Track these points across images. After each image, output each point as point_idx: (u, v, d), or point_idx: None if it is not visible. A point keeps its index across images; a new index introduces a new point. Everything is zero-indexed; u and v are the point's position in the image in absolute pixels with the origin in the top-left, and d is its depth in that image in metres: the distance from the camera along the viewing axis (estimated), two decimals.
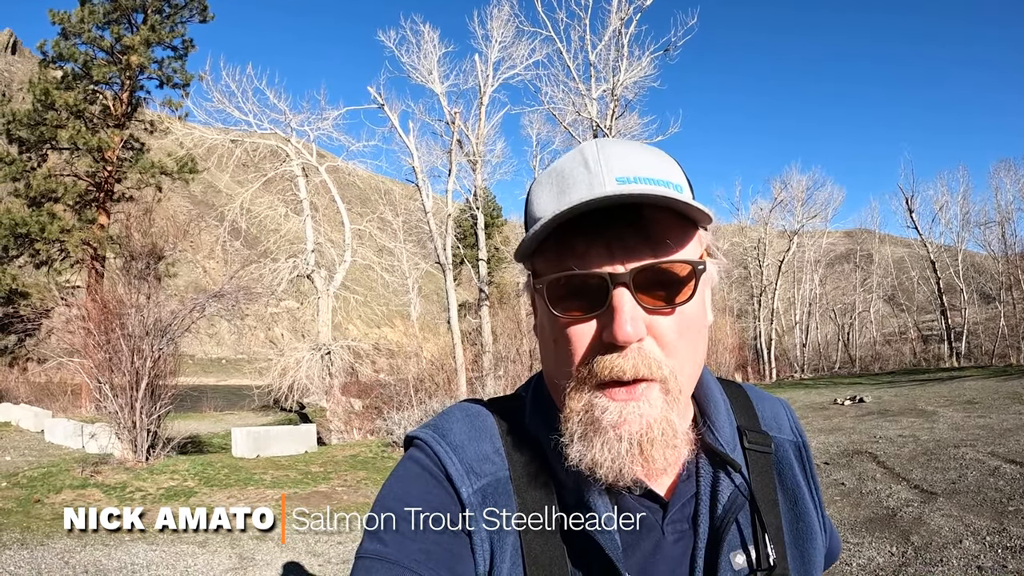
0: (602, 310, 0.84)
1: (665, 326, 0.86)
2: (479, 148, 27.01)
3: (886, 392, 19.28)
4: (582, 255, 0.85)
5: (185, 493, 11.23)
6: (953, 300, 43.56)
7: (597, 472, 0.85)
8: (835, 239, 53.46)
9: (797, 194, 44.51)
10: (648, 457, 0.84)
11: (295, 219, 27.85)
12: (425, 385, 19.50)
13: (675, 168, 0.93)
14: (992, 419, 12.23)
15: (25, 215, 28.86)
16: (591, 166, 0.87)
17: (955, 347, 38.26)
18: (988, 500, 7.39)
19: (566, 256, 0.87)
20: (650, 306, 0.85)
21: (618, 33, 26.00)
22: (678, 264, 0.86)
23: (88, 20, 30.62)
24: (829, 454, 10.59)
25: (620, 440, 0.83)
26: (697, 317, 0.89)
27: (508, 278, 47.61)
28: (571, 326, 0.87)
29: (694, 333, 0.89)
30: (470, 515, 0.90)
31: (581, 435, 0.86)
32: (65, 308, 16.80)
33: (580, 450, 0.85)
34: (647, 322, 0.85)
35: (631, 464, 0.84)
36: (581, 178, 0.87)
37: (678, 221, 0.87)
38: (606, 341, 0.84)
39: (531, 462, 0.94)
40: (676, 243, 0.86)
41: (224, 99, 26.36)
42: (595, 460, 0.84)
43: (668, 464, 0.87)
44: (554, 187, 0.90)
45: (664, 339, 0.86)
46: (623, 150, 0.90)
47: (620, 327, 0.82)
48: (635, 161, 0.88)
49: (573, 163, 0.90)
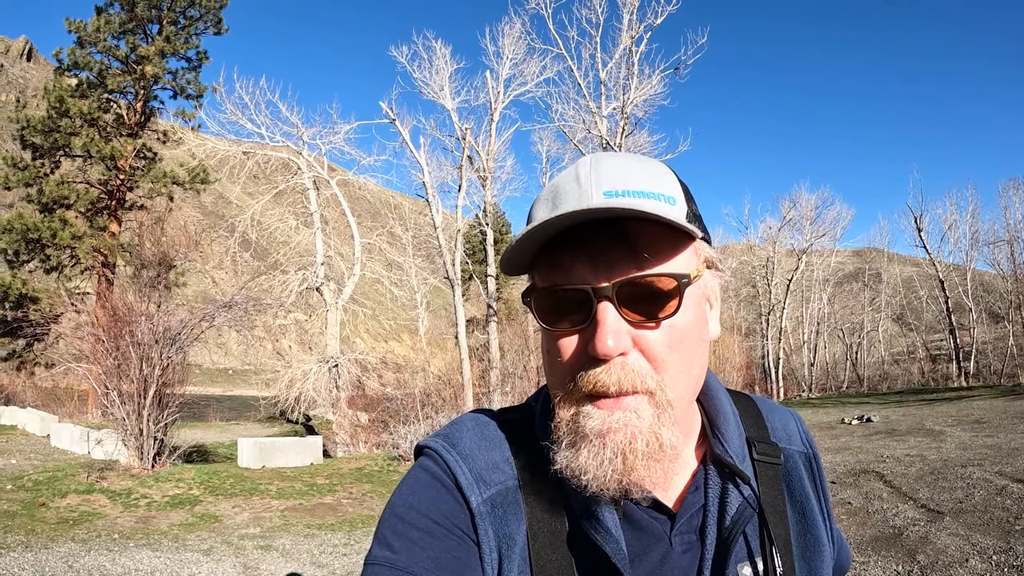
0: (586, 324, 0.85)
1: (652, 340, 0.85)
2: (489, 164, 27.07)
3: (894, 411, 19.19)
4: (568, 269, 0.86)
5: (190, 501, 11.23)
6: (962, 319, 43.34)
7: (581, 479, 0.84)
8: (844, 258, 53.30)
9: (806, 213, 44.36)
10: (631, 468, 0.84)
11: (305, 232, 27.91)
12: (432, 400, 19.46)
13: (670, 179, 0.92)
14: (1000, 439, 12.16)
15: (37, 220, 28.96)
16: (581, 181, 0.88)
17: (963, 367, 37.98)
18: (995, 519, 7.34)
19: (554, 270, 0.88)
20: (634, 320, 0.85)
21: (628, 51, 26.08)
22: (662, 278, 0.85)
23: (104, 30, 30.86)
24: (836, 473, 10.54)
25: (604, 447, 0.83)
26: (691, 331, 0.89)
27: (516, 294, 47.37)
28: (560, 339, 0.88)
29: (688, 346, 0.88)
30: (479, 524, 0.90)
31: (569, 443, 0.86)
32: (75, 314, 16.93)
33: (566, 456, 0.86)
34: (633, 336, 0.85)
35: (613, 473, 0.83)
36: (572, 192, 0.87)
37: (667, 234, 0.86)
38: (590, 355, 0.84)
39: (540, 472, 0.93)
40: (662, 256, 0.86)
41: (237, 111, 26.53)
42: (580, 467, 0.84)
43: (654, 479, 0.86)
44: (549, 202, 0.90)
45: (651, 353, 0.85)
46: (615, 163, 0.90)
47: (602, 341, 0.82)
48: (626, 174, 0.88)
49: (567, 178, 0.90)
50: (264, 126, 26.55)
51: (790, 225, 45.09)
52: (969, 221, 43.38)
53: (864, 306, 52.80)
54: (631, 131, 26.88)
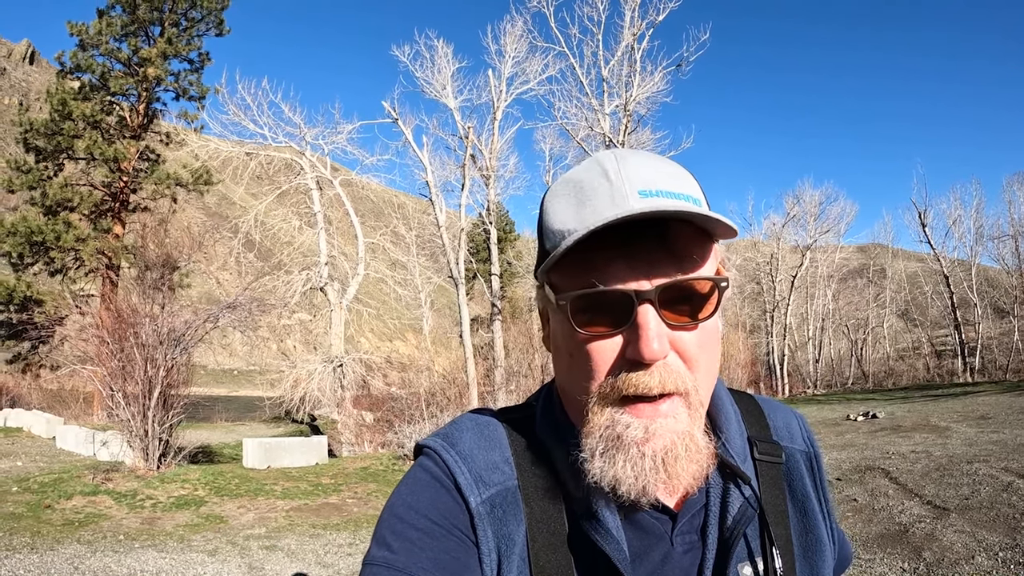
0: (627, 327, 0.84)
1: (688, 341, 0.85)
2: (492, 163, 27.07)
3: (899, 408, 19.16)
4: (603, 270, 0.84)
5: (195, 502, 11.25)
6: (967, 315, 43.23)
7: (619, 489, 0.84)
8: (848, 254, 53.14)
9: (810, 209, 44.35)
10: (672, 473, 0.84)
11: (309, 232, 27.91)
12: (436, 399, 19.47)
13: (692, 181, 0.92)
14: (1006, 434, 12.13)
15: (41, 223, 29.06)
16: (612, 178, 0.86)
17: (969, 362, 37.95)
18: (1001, 516, 7.32)
19: (588, 271, 0.85)
20: (674, 323, 0.84)
21: (631, 48, 26.05)
22: (702, 280, 0.85)
23: (106, 32, 30.92)
24: (841, 470, 10.52)
25: (643, 457, 0.83)
26: (716, 331, 0.90)
27: (520, 293, 47.62)
28: (592, 342, 0.86)
29: (713, 346, 0.89)
30: (478, 524, 0.89)
31: (603, 451, 0.85)
32: (79, 316, 16.93)
33: (601, 466, 0.85)
34: (671, 338, 0.84)
35: (655, 481, 0.84)
36: (603, 190, 0.85)
37: (699, 236, 0.86)
38: (631, 358, 0.83)
39: (540, 472, 0.94)
40: (699, 258, 0.86)
41: (239, 112, 26.48)
42: (617, 477, 0.84)
43: (693, 480, 0.87)
44: (572, 198, 0.88)
45: (687, 354, 0.86)
46: (642, 161, 0.89)
47: (647, 344, 0.81)
48: (655, 173, 0.87)
49: (592, 174, 0.88)
50: (267, 127, 26.54)
51: (794, 221, 45.15)
52: (973, 216, 43.31)
53: (869, 302, 52.78)
54: (634, 128, 26.83)
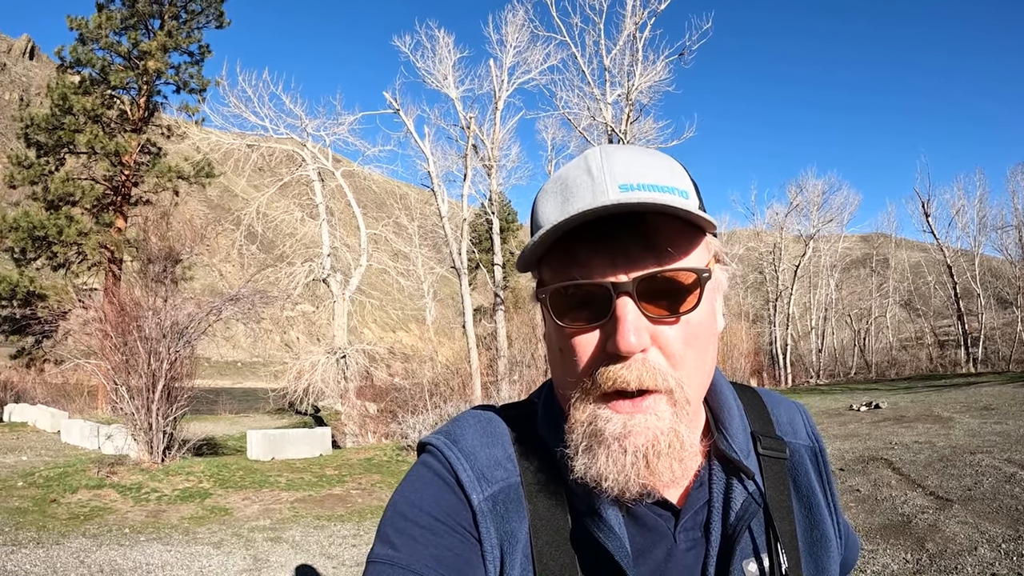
0: (605, 320, 0.83)
1: (670, 336, 0.84)
2: (494, 153, 27.05)
3: (902, 398, 19.16)
4: (585, 264, 0.84)
5: (200, 494, 11.28)
6: (970, 305, 43.22)
7: (602, 484, 0.84)
8: (851, 244, 53.16)
9: (813, 198, 44.28)
10: (654, 470, 0.83)
11: (311, 223, 27.86)
12: (440, 389, 19.51)
13: (681, 173, 0.91)
14: (1009, 425, 12.11)
15: (43, 218, 29.04)
16: (594, 173, 0.86)
17: (972, 352, 37.96)
18: (1004, 507, 7.32)
19: (569, 265, 0.86)
20: (654, 315, 0.84)
21: (633, 38, 26.02)
22: (682, 272, 0.84)
23: (105, 26, 30.81)
24: (844, 460, 10.53)
25: (625, 453, 0.83)
26: (704, 326, 0.88)
27: (523, 283, 47.52)
28: (575, 336, 0.86)
29: (702, 342, 0.88)
30: (481, 521, 0.89)
31: (585, 447, 0.85)
32: (83, 310, 16.93)
33: (585, 462, 0.85)
34: (652, 332, 0.84)
35: (636, 477, 0.83)
36: (584, 185, 0.86)
37: (683, 228, 0.85)
38: (609, 351, 0.83)
39: (542, 469, 0.94)
40: (680, 251, 0.85)
41: (240, 104, 26.47)
42: (600, 473, 0.83)
43: (675, 477, 0.86)
44: (558, 195, 0.89)
45: (669, 349, 0.85)
46: (627, 156, 0.89)
47: (623, 337, 0.80)
48: (639, 167, 0.87)
49: (577, 170, 0.89)
50: (268, 119, 26.52)
51: (797, 211, 45.10)
52: (977, 206, 43.18)
53: (872, 292, 52.74)
54: (636, 118, 26.81)
